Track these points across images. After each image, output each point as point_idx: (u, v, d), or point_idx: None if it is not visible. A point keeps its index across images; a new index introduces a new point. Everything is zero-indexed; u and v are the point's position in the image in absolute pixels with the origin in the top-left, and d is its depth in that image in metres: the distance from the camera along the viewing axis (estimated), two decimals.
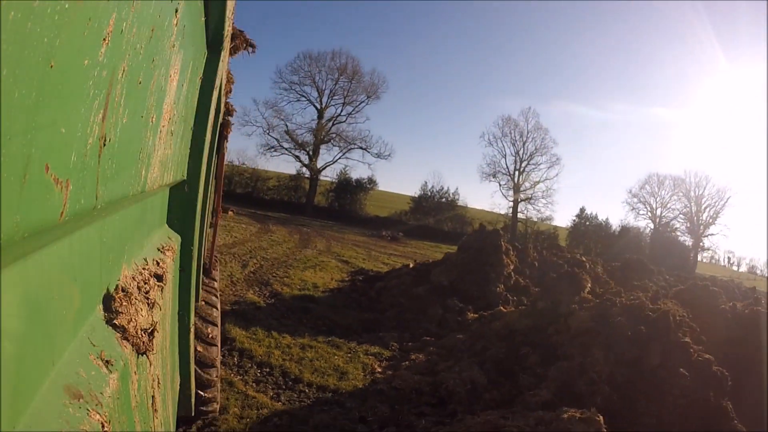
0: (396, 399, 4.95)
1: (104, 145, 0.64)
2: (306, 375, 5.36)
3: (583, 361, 4.84)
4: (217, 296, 4.18)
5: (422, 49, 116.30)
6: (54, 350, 0.51)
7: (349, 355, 6.30)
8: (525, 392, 4.78)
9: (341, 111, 38.64)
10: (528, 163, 40.15)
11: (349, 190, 36.11)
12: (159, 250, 1.28)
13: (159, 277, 1.08)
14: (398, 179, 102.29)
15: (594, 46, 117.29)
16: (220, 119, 3.91)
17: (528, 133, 40.14)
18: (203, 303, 3.72)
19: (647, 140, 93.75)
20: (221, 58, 1.87)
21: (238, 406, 4.42)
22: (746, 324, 5.34)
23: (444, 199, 37.71)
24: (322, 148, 37.72)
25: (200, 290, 3.69)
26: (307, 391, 5.03)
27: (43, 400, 0.45)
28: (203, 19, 1.51)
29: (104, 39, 0.54)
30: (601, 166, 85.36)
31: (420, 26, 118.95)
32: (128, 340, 0.74)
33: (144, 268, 1.02)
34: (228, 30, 1.95)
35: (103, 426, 0.54)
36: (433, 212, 35.43)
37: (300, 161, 37.14)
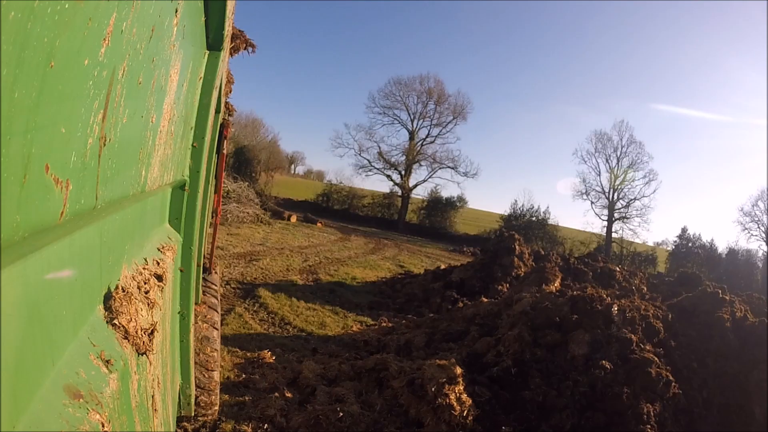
0: (347, 345, 6.22)
1: (104, 145, 0.64)
2: (296, 322, 6.90)
3: (501, 337, 5.17)
4: (217, 298, 4.17)
5: (510, 67, 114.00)
6: (54, 350, 0.51)
7: (341, 319, 7.54)
8: (440, 354, 5.32)
9: (430, 132, 39.02)
10: (622, 180, 36.45)
11: (440, 207, 36.17)
12: (159, 249, 1.28)
13: (159, 277, 1.08)
14: (490, 197, 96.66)
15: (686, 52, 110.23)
16: (220, 119, 3.91)
17: (622, 147, 36.41)
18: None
19: (754, 154, 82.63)
20: (221, 58, 1.87)
21: (236, 326, 6.18)
22: (746, 336, 5.02)
23: (534, 218, 35.85)
24: (413, 168, 38.29)
25: (200, 290, 3.69)
26: (290, 330, 6.59)
27: (43, 400, 0.45)
28: (203, 19, 1.51)
29: (104, 39, 0.54)
30: (702, 183, 76.49)
31: (509, 44, 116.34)
32: (128, 340, 0.74)
33: (144, 268, 1.02)
34: (228, 30, 1.95)
35: (103, 426, 0.54)
36: (523, 231, 34.22)
37: (392, 180, 37.87)
